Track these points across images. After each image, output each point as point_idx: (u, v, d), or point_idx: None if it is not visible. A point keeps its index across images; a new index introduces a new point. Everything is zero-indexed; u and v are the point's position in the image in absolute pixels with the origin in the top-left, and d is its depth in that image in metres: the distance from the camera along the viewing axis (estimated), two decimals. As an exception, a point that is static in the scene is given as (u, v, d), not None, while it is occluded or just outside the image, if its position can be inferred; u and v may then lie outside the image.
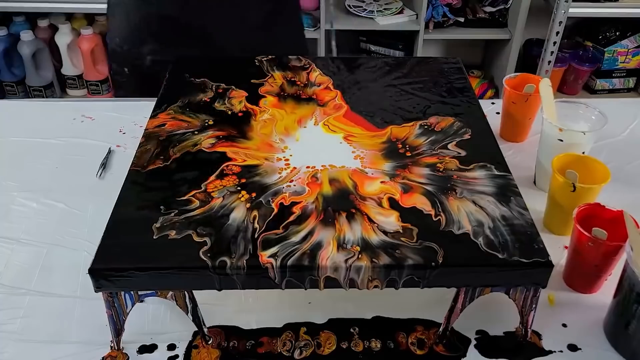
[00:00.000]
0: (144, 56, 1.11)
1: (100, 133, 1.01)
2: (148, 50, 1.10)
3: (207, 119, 0.82)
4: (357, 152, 0.76)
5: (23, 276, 0.75)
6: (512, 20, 2.29)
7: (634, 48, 2.39)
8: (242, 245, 0.61)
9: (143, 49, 1.10)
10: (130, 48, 1.12)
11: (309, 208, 0.66)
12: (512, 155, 0.97)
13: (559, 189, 0.78)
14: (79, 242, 0.80)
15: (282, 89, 0.89)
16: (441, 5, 2.27)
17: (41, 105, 1.14)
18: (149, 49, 1.10)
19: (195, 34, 1.09)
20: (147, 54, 1.11)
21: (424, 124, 0.81)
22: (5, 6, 2.12)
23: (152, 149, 0.75)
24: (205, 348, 0.67)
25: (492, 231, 0.63)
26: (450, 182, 0.70)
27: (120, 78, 1.17)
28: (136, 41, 1.10)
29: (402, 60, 0.99)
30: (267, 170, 0.72)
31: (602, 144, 0.98)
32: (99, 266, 0.60)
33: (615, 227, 0.69)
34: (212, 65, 0.95)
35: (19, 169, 0.93)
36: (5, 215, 0.84)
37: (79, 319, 0.70)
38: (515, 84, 0.99)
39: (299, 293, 0.65)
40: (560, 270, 0.76)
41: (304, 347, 0.67)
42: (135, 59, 1.12)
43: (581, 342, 0.68)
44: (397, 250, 0.61)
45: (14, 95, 2.28)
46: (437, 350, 0.67)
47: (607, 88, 2.48)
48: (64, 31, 2.21)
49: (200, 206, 0.66)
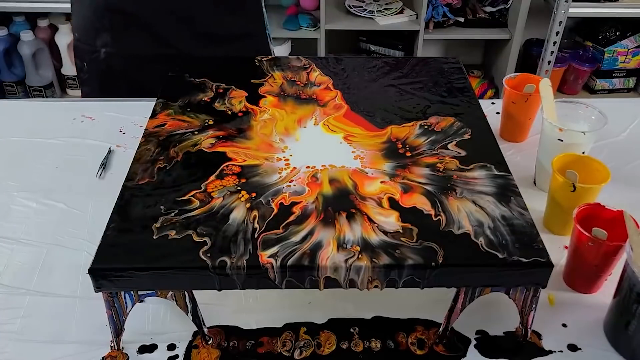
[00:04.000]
0: (98, 49, 1.12)
1: (100, 133, 1.01)
2: (101, 43, 1.11)
3: (207, 119, 0.82)
4: (357, 152, 0.76)
5: (23, 276, 0.75)
6: (512, 20, 2.29)
7: (634, 48, 2.39)
8: (242, 245, 0.61)
9: (97, 42, 1.12)
10: (86, 42, 1.13)
11: (309, 208, 0.66)
12: (512, 155, 0.97)
13: (559, 189, 0.78)
14: (79, 242, 0.80)
15: (282, 89, 0.89)
16: (441, 5, 2.27)
17: (41, 105, 1.14)
18: (102, 42, 1.11)
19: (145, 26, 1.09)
20: (101, 47, 1.12)
21: (424, 124, 0.81)
22: (5, 6, 2.12)
23: (152, 149, 0.75)
24: (205, 348, 0.67)
25: (492, 231, 0.63)
26: (450, 182, 0.70)
27: (83, 75, 1.18)
28: (91, 35, 1.11)
29: (402, 60, 0.99)
30: (267, 170, 0.72)
31: (602, 144, 0.98)
32: (99, 266, 0.60)
33: (615, 227, 0.69)
34: (212, 65, 0.95)
35: (19, 169, 0.93)
36: (5, 215, 0.84)
37: (79, 319, 0.70)
38: (515, 84, 0.99)
39: (299, 293, 0.65)
40: (560, 270, 0.76)
41: (304, 347, 0.67)
42: (91, 53, 1.13)
43: (581, 342, 0.68)
44: (397, 250, 0.61)
45: (14, 95, 2.28)
46: (437, 350, 0.67)
47: (607, 88, 2.49)
48: (64, 31, 2.21)
49: (200, 206, 0.66)
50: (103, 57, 1.13)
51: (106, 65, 1.13)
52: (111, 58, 1.12)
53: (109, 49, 1.11)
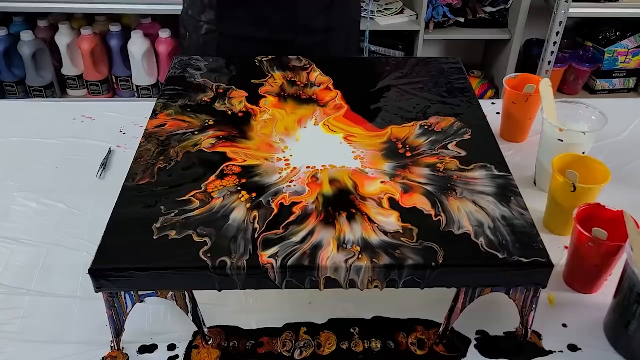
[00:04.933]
0: (202, 24, 1.16)
1: (100, 133, 1.01)
2: (206, 19, 1.15)
3: (207, 119, 0.82)
4: (357, 152, 0.76)
5: (23, 276, 0.75)
6: (512, 20, 2.29)
7: (634, 48, 2.38)
8: (242, 245, 0.61)
9: (202, 17, 1.15)
10: (192, 15, 1.17)
11: (309, 208, 0.66)
12: (512, 155, 0.97)
13: (559, 189, 0.78)
14: (79, 242, 0.80)
15: (282, 89, 0.89)
16: (441, 5, 2.27)
17: (41, 105, 1.14)
18: (207, 18, 1.15)
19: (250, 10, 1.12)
20: (205, 23, 1.15)
21: (424, 124, 0.81)
22: (5, 6, 2.12)
23: (152, 149, 0.75)
24: (205, 348, 0.67)
25: (492, 231, 0.63)
26: (450, 182, 0.70)
27: (184, 42, 1.22)
28: (198, 9, 1.15)
29: (402, 60, 0.99)
30: (267, 170, 0.72)
31: (602, 144, 0.98)
32: (99, 266, 0.60)
33: (615, 227, 0.69)
34: (212, 65, 0.95)
35: (19, 169, 0.93)
36: (5, 215, 0.84)
37: (79, 319, 0.70)
38: (515, 84, 0.99)
39: (299, 293, 0.65)
40: (560, 270, 0.76)
41: (304, 347, 0.67)
42: (195, 26, 1.17)
43: (581, 342, 0.68)
44: (397, 250, 0.61)
45: (14, 95, 2.28)
46: (437, 350, 0.67)
47: (607, 88, 2.48)
48: (63, 31, 2.21)
49: (200, 206, 0.66)
50: (204, 32, 1.16)
51: (204, 40, 1.16)
52: (210, 34, 1.15)
53: (211, 25, 1.14)
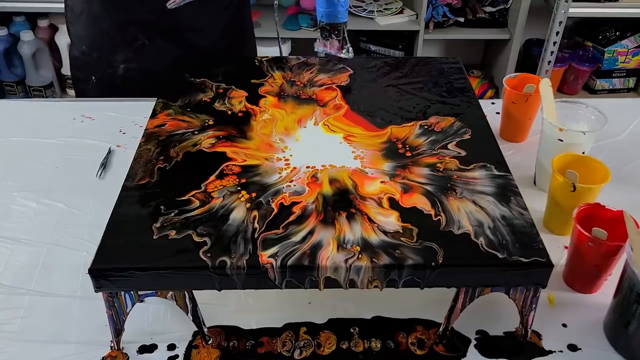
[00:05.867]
0: (117, 65, 1.10)
1: (100, 133, 1.01)
2: (122, 59, 1.09)
3: (207, 119, 0.82)
4: (357, 152, 0.76)
5: (23, 276, 0.75)
6: (512, 20, 2.29)
7: (634, 48, 2.38)
8: (242, 245, 0.61)
9: (116, 57, 1.09)
10: (100, 56, 1.10)
11: (309, 208, 0.66)
12: (512, 155, 0.97)
13: (559, 189, 0.78)
14: (79, 242, 0.80)
15: (282, 89, 0.89)
16: (441, 5, 2.27)
17: (41, 105, 1.14)
18: (123, 58, 1.08)
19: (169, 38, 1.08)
20: (121, 62, 1.09)
21: (424, 124, 0.81)
22: (5, 6, 2.12)
23: (152, 149, 0.75)
24: (205, 348, 0.67)
25: (492, 231, 0.63)
26: (450, 182, 0.70)
27: (85, 86, 1.14)
28: (107, 49, 1.08)
29: (402, 60, 0.99)
30: (267, 170, 0.72)
31: (602, 144, 0.98)
32: (99, 266, 0.60)
33: (615, 227, 0.69)
34: (212, 65, 0.95)
35: (19, 169, 0.93)
36: (5, 215, 0.84)
37: (79, 319, 0.70)
38: (515, 84, 0.98)
39: (299, 293, 0.65)
40: (560, 270, 0.76)
41: (304, 347, 0.67)
42: (106, 68, 1.10)
43: (581, 342, 0.68)
44: (397, 250, 0.61)
45: (14, 95, 2.28)
46: (437, 350, 0.67)
47: (607, 88, 2.48)
48: (64, 31, 2.21)
49: (200, 206, 0.66)
50: (122, 72, 1.10)
51: (123, 80, 1.10)
52: (130, 72, 1.09)
53: (130, 64, 1.08)
